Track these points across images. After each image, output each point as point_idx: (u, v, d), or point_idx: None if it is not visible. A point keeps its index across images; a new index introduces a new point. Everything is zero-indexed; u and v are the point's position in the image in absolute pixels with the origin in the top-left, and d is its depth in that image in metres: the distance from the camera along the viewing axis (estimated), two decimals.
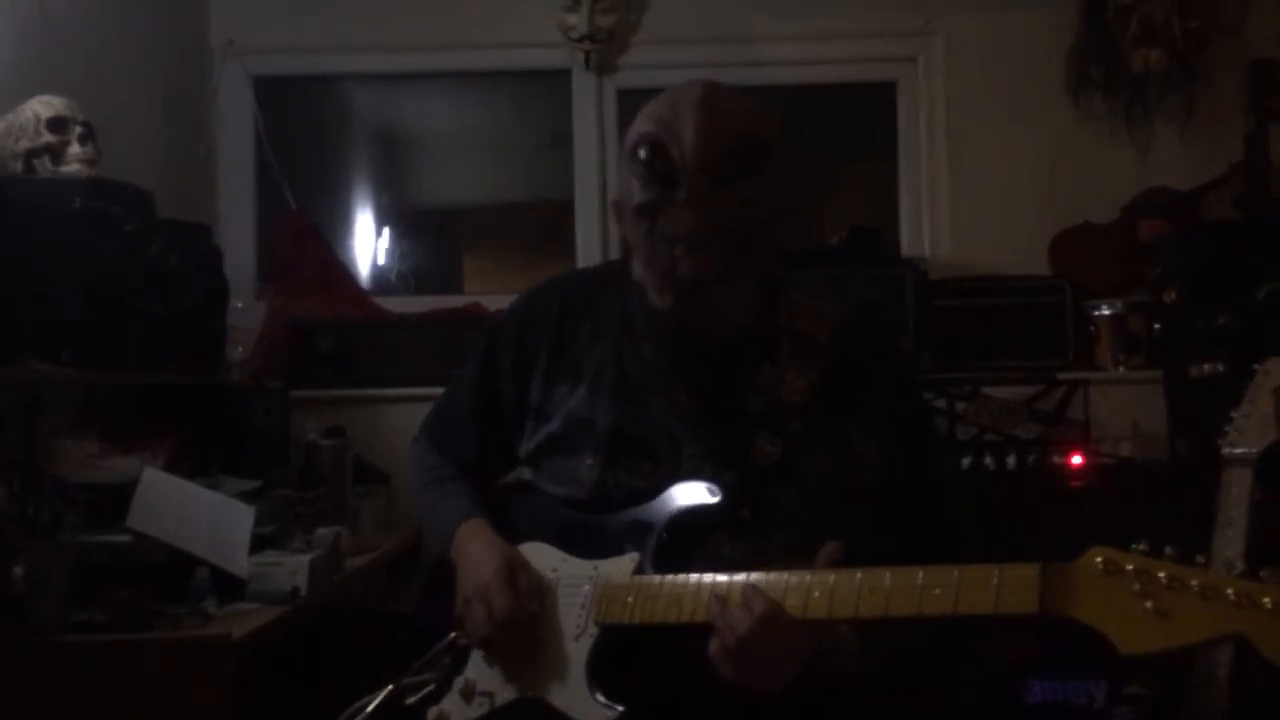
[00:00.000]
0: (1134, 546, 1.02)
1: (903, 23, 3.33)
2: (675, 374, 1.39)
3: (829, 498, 1.33)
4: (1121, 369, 3.00)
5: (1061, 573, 1.03)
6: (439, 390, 2.92)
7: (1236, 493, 1.90)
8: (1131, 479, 2.67)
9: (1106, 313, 3.03)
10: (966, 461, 2.63)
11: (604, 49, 3.31)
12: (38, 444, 2.12)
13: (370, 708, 1.28)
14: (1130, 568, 1.00)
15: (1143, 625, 0.98)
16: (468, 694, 1.37)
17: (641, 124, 1.35)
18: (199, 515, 1.96)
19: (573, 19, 3.25)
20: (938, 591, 1.09)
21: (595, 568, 1.34)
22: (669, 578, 1.27)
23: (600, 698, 1.26)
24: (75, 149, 2.22)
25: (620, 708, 1.25)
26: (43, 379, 2.08)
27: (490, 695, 1.36)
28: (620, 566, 1.32)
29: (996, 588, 1.06)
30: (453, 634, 1.37)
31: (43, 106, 2.22)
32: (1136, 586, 0.99)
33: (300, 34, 3.33)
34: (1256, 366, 2.00)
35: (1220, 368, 2.44)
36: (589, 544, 1.37)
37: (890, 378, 1.42)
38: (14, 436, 2.09)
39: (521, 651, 1.34)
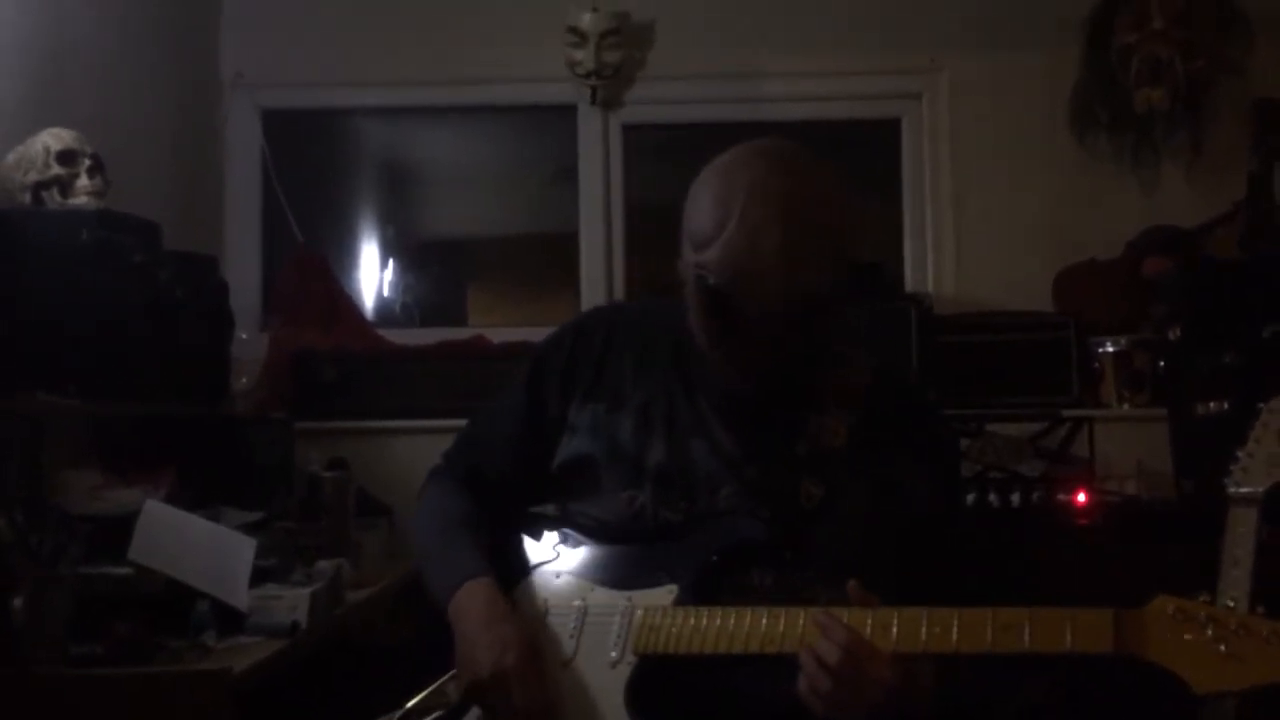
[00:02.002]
0: (1198, 598, 1.12)
1: (908, 60, 3.35)
2: (722, 422, 1.41)
3: (867, 538, 1.35)
4: (1126, 406, 2.99)
5: (1133, 617, 1.12)
6: (442, 422, 2.97)
7: (1242, 532, 1.89)
8: (1136, 517, 2.65)
9: (1111, 350, 3.02)
10: (971, 498, 2.62)
11: (610, 84, 3.33)
12: (41, 475, 2.12)
13: None
14: (1202, 614, 1.09)
15: (1217, 666, 1.07)
16: None
17: (717, 250, 1.27)
18: (200, 547, 1.95)
19: (579, 54, 3.28)
20: (1010, 630, 1.14)
21: (629, 598, 1.35)
22: (713, 609, 1.29)
23: None
24: (84, 181, 2.23)
25: None
26: (48, 410, 2.09)
27: None
28: (658, 597, 1.33)
29: (1070, 630, 1.12)
30: (464, 689, 1.35)
31: (53, 139, 2.24)
32: (1209, 632, 1.08)
33: (309, 68, 3.36)
34: (1262, 405, 2.00)
35: (1225, 406, 2.44)
36: (616, 575, 1.38)
37: (925, 421, 1.47)
38: (18, 467, 2.08)
39: (548, 683, 1.33)
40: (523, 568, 1.44)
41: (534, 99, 3.46)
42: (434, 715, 1.35)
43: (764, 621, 1.25)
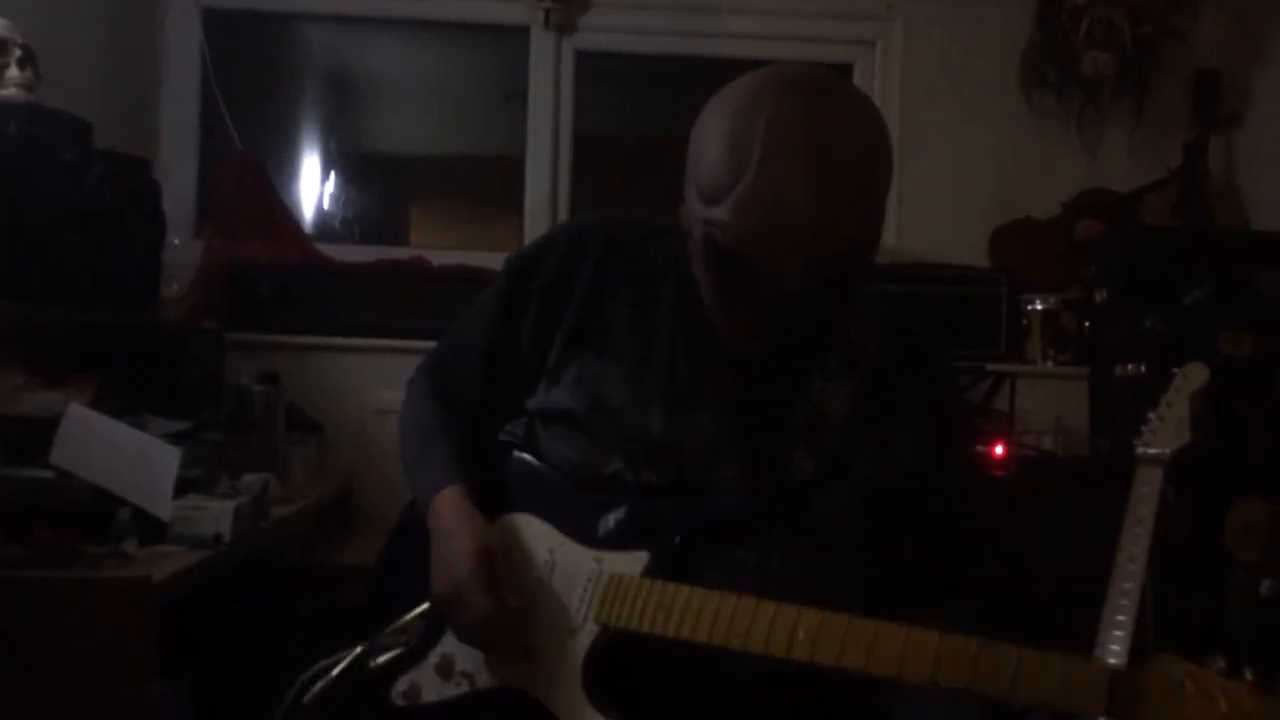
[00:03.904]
0: (1209, 663, 1.02)
1: (864, 5, 3.35)
2: (726, 383, 1.27)
3: (858, 516, 1.24)
4: (1050, 364, 3.07)
5: (1133, 678, 0.97)
6: (378, 341, 2.95)
7: (1147, 492, 1.97)
8: (1051, 472, 2.74)
9: (1040, 308, 3.09)
10: None
11: (564, 8, 3.28)
12: None
13: (336, 670, 1.20)
14: (1215, 686, 0.93)
15: None
16: (445, 670, 1.29)
17: (729, 208, 1.08)
18: (124, 454, 1.93)
19: None
20: (994, 670, 1.00)
21: (598, 560, 1.24)
22: (683, 588, 1.16)
23: (595, 706, 1.18)
24: (14, 73, 2.16)
25: None
26: None
27: (470, 677, 1.28)
28: (627, 564, 1.22)
29: (1060, 680, 0.98)
30: (428, 603, 1.28)
31: None
32: (1222, 706, 0.91)
33: None
34: (1176, 370, 2.07)
35: (1143, 369, 2.52)
36: (588, 527, 1.27)
37: (936, 388, 1.32)
38: None
39: (510, 593, 1.24)
40: (497, 504, 1.33)
41: (486, 18, 3.39)
42: (393, 653, 1.25)
43: (732, 611, 1.12)
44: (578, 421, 1.30)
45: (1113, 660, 1.80)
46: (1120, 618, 1.91)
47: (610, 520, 1.26)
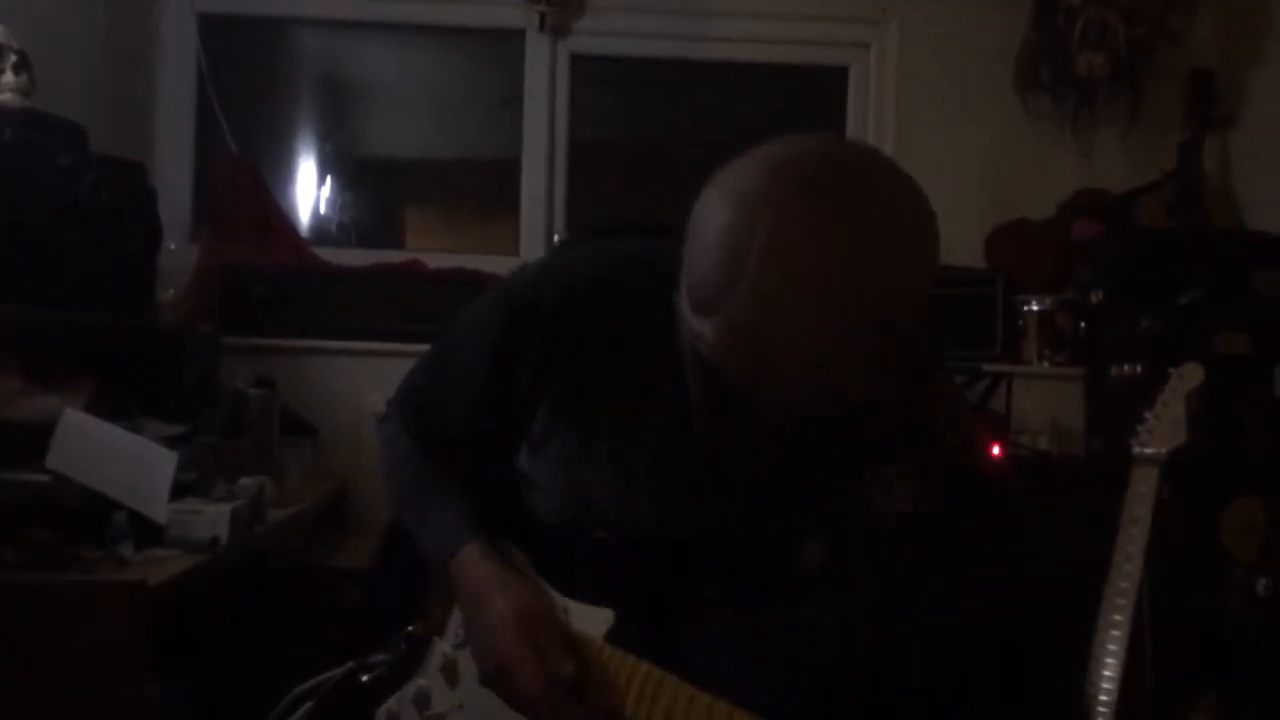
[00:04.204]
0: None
1: (859, 8, 3.35)
2: (727, 470, 1.08)
3: (865, 613, 1.11)
4: (1046, 364, 3.07)
5: None
6: (373, 345, 2.95)
7: (1143, 491, 1.97)
8: (1047, 473, 2.74)
9: (1035, 308, 3.09)
10: None
11: (559, 12, 3.29)
12: None
13: (323, 690, 1.18)
14: None
15: None
16: (422, 703, 1.23)
17: (716, 325, 0.88)
18: (119, 458, 1.93)
19: None
20: None
21: (565, 610, 1.15)
22: (641, 664, 1.07)
23: None
24: (9, 78, 2.17)
25: None
26: None
27: (443, 717, 1.22)
28: (593, 621, 1.12)
29: None
30: (410, 628, 1.24)
31: None
32: None
33: None
34: (1171, 370, 2.07)
35: (1138, 370, 2.52)
36: (557, 569, 1.18)
37: (1008, 533, 1.18)
38: None
39: (560, 651, 1.12)
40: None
41: (482, 22, 3.39)
42: (378, 673, 1.23)
43: (687, 708, 1.03)
44: (557, 501, 1.18)
45: (1110, 661, 1.80)
46: (1117, 617, 1.92)
47: (581, 567, 1.16)
